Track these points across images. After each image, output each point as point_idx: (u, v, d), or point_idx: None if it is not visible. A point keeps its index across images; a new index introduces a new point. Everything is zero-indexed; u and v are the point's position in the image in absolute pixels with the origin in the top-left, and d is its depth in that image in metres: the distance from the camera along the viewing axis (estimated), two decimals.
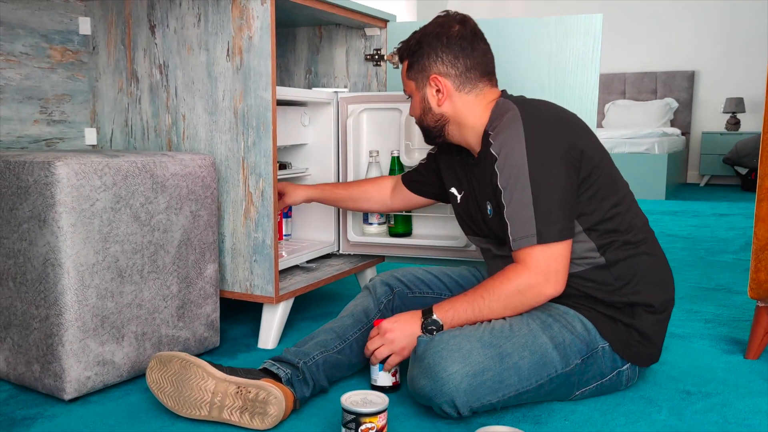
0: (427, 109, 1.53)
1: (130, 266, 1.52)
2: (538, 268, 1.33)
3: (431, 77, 1.50)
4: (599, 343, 1.41)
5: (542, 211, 1.32)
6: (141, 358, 1.56)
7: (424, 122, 1.56)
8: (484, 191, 1.49)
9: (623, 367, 1.44)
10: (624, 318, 1.42)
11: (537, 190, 1.33)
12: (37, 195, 1.40)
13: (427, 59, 1.49)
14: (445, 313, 1.41)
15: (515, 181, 1.35)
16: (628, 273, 1.42)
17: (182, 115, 1.81)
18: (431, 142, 1.62)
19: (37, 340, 1.45)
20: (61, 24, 1.90)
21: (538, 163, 1.33)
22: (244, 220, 1.77)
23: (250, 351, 1.80)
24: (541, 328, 1.38)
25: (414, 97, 1.57)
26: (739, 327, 2.01)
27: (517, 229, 1.34)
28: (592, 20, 1.94)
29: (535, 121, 1.37)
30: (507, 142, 1.37)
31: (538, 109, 1.42)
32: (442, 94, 1.50)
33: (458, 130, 1.53)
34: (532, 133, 1.35)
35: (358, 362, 1.55)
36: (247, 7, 1.69)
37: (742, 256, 3.11)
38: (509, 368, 1.32)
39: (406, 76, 1.56)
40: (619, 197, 1.44)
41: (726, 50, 6.61)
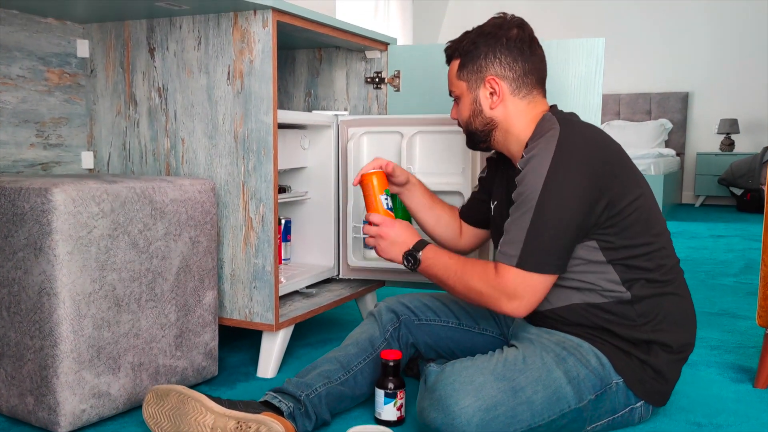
0: (477, 111, 1.48)
1: (128, 295, 1.48)
2: (506, 286, 1.32)
3: (487, 78, 1.44)
4: (613, 379, 1.36)
5: (532, 241, 1.30)
6: (137, 390, 1.52)
7: (472, 125, 1.50)
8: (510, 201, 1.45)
9: (636, 404, 1.40)
10: (640, 354, 1.37)
11: (537, 217, 1.30)
12: (33, 222, 1.36)
13: (484, 59, 1.44)
14: (427, 259, 1.45)
15: (524, 201, 1.33)
16: (652, 311, 1.37)
17: (181, 139, 1.79)
18: (474, 147, 1.57)
19: (31, 371, 1.40)
20: (58, 46, 1.88)
21: (550, 194, 1.29)
22: (243, 245, 1.73)
23: (249, 380, 1.75)
24: (556, 361, 1.34)
25: (463, 99, 1.50)
26: (746, 354, 1.98)
27: (504, 243, 1.34)
28: (595, 44, 1.93)
29: (569, 148, 1.31)
30: (533, 160, 1.33)
31: (578, 134, 1.35)
32: (497, 96, 1.44)
33: (504, 137, 1.48)
34: (559, 160, 1.30)
35: (362, 394, 1.51)
36: (249, 31, 1.67)
37: (743, 279, 3.09)
38: (522, 403, 1.28)
39: (457, 76, 1.49)
40: (653, 236, 1.38)
41: (720, 71, 6.65)
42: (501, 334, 1.63)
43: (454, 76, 1.50)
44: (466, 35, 1.48)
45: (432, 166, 2.05)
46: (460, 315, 1.64)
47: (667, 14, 6.77)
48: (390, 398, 1.44)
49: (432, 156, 2.06)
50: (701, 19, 6.65)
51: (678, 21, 6.73)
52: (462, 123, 1.54)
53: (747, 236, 4.53)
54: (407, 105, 2.16)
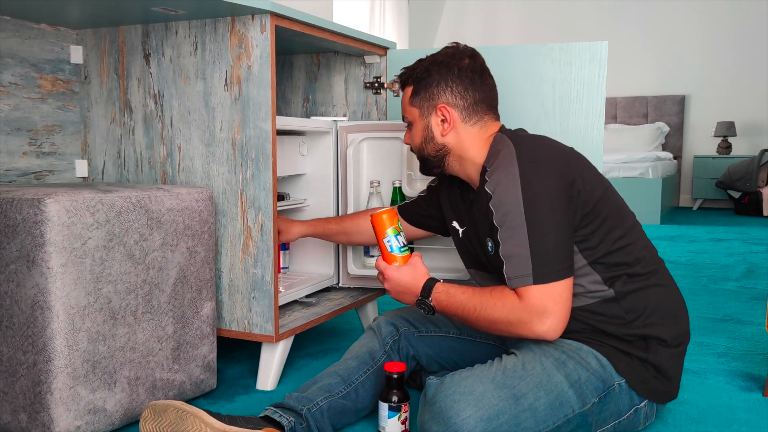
0: (429, 138, 1.49)
1: (124, 307, 1.44)
2: (533, 305, 1.27)
3: (438, 106, 1.45)
4: (615, 380, 1.34)
5: (538, 251, 1.27)
6: (134, 405, 1.48)
7: (424, 151, 1.51)
8: (483, 228, 1.44)
9: (640, 404, 1.37)
10: (639, 352, 1.36)
11: (532, 229, 1.28)
12: (26, 234, 1.32)
13: (435, 87, 1.45)
14: (440, 303, 1.39)
15: (511, 220, 1.30)
16: (639, 306, 1.36)
17: (178, 147, 1.75)
18: (428, 173, 1.57)
19: (24, 387, 1.36)
20: (51, 53, 1.84)
21: (534, 202, 1.29)
22: (242, 255, 1.69)
23: (248, 393, 1.71)
24: (555, 366, 1.32)
25: (415, 125, 1.51)
26: (753, 361, 1.95)
27: (513, 268, 1.29)
28: (598, 47, 1.90)
29: (531, 158, 1.33)
30: (502, 180, 1.33)
31: (533, 145, 1.39)
32: (448, 123, 1.45)
33: (459, 163, 1.48)
34: (527, 170, 1.31)
35: (364, 407, 1.48)
36: (246, 36, 1.63)
37: (745, 284, 3.06)
38: (525, 410, 1.25)
39: (409, 103, 1.51)
40: (625, 229, 1.39)
41: (716, 74, 6.64)
42: (503, 343, 1.60)
43: (407, 102, 1.51)
44: (420, 63, 1.49)
45: None
46: (460, 325, 1.62)
47: (663, 17, 6.76)
48: (394, 412, 1.41)
49: None
50: (697, 22, 6.65)
51: (674, 24, 6.73)
52: (414, 149, 1.54)
53: (747, 240, 4.51)
54: None
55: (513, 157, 1.34)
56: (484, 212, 1.39)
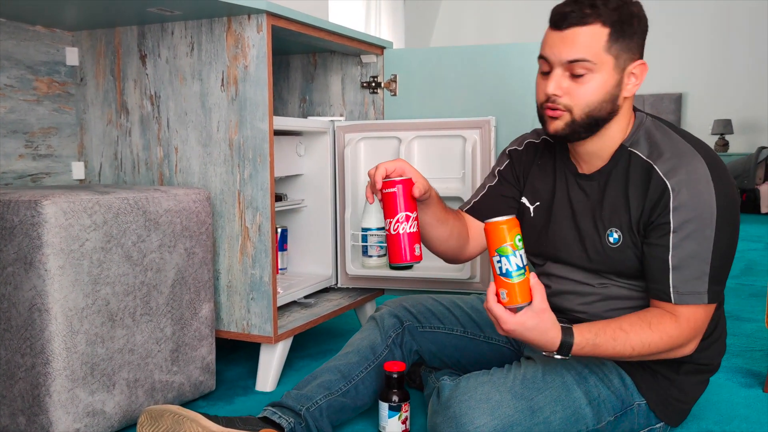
0: (614, 96, 1.22)
1: (122, 309, 1.44)
2: (695, 327, 1.18)
3: (639, 61, 1.23)
4: (635, 400, 1.30)
5: (717, 270, 1.18)
6: (133, 407, 1.47)
7: (599, 111, 1.22)
8: (608, 215, 1.27)
9: (656, 425, 1.34)
10: (667, 373, 1.31)
11: (719, 245, 1.17)
12: (23, 236, 1.31)
13: (639, 38, 1.22)
14: (582, 350, 1.16)
15: (697, 229, 1.16)
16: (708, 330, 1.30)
17: (175, 148, 1.74)
18: (576, 137, 1.26)
19: (23, 390, 1.35)
20: (47, 55, 1.83)
21: (726, 216, 1.17)
22: (240, 256, 1.69)
23: (247, 394, 1.71)
24: (576, 381, 1.28)
25: (601, 77, 1.20)
26: (753, 357, 1.95)
27: (686, 281, 1.17)
28: None
29: (715, 162, 1.20)
30: (693, 180, 1.17)
31: (703, 144, 1.24)
32: (638, 82, 1.24)
33: (606, 130, 1.26)
34: (719, 178, 1.17)
35: (364, 404, 1.46)
36: (243, 36, 1.63)
37: (744, 281, 3.06)
38: (539, 423, 1.23)
39: (605, 48, 1.18)
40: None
41: (713, 72, 6.65)
42: (507, 342, 1.58)
43: (602, 47, 1.18)
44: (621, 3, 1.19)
45: (430, 172, 2.01)
46: (465, 322, 1.58)
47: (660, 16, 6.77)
48: (395, 411, 1.40)
49: (431, 161, 2.02)
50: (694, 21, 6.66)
51: (671, 23, 6.74)
52: (583, 106, 1.21)
53: (745, 237, 4.51)
54: (404, 109, 2.13)
55: (698, 156, 1.19)
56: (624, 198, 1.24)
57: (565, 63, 1.20)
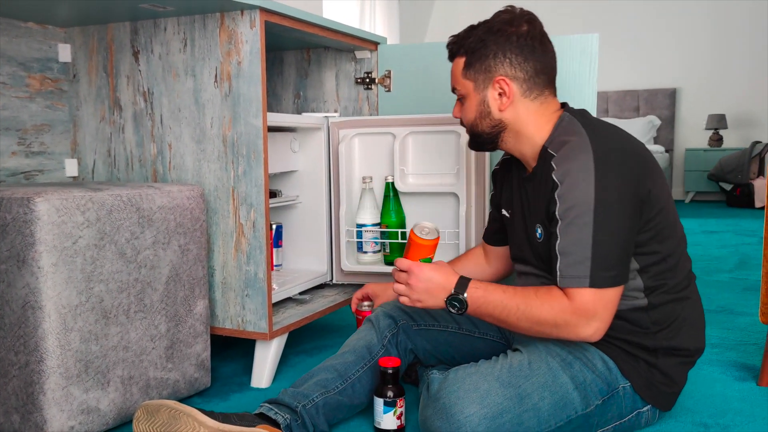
0: (484, 113, 1.38)
1: (116, 306, 1.43)
2: (584, 309, 1.22)
3: (497, 79, 1.34)
4: (620, 383, 1.33)
5: (600, 256, 1.21)
6: (128, 404, 1.47)
7: (478, 127, 1.40)
8: (535, 212, 1.37)
9: (643, 408, 1.36)
10: (648, 357, 1.34)
11: (599, 231, 1.21)
12: (16, 233, 1.31)
13: (493, 59, 1.34)
14: (476, 299, 1.29)
15: (577, 216, 1.22)
16: (667, 319, 1.33)
17: (168, 144, 1.74)
18: (479, 149, 1.47)
19: (17, 388, 1.35)
20: (39, 51, 1.82)
21: (605, 203, 1.22)
22: (234, 252, 1.69)
23: (243, 390, 1.70)
24: (561, 366, 1.30)
25: (469, 99, 1.39)
26: (747, 351, 1.96)
27: (569, 265, 1.23)
28: (589, 40, 1.90)
29: (607, 155, 1.24)
30: (573, 172, 1.24)
31: (608, 136, 1.29)
32: (507, 98, 1.35)
33: (514, 140, 1.39)
34: (603, 168, 1.23)
35: (360, 403, 1.47)
36: (236, 32, 1.62)
37: (738, 275, 3.07)
38: (528, 410, 1.24)
39: (462, 75, 1.38)
40: (677, 240, 1.35)
41: (707, 67, 6.66)
42: (502, 338, 1.59)
43: (460, 74, 1.39)
44: (473, 31, 1.37)
45: (425, 167, 2.01)
46: (459, 319, 1.60)
47: (653, 11, 6.77)
48: (390, 407, 1.40)
49: (425, 157, 2.02)
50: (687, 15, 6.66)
51: (664, 17, 6.74)
52: (467, 124, 1.44)
53: (739, 231, 4.52)
54: (399, 105, 2.12)
55: (587, 147, 1.25)
56: (541, 196, 1.33)
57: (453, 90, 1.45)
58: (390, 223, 2.00)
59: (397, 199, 2.02)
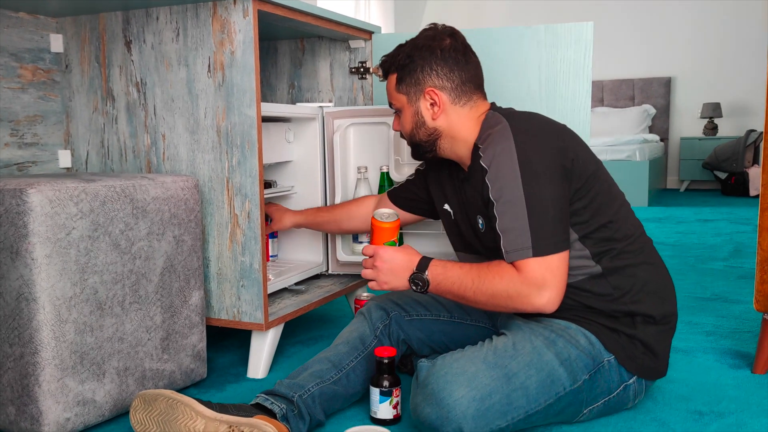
0: (420, 123, 1.48)
1: (111, 298, 1.43)
2: (532, 278, 1.26)
3: (426, 90, 1.45)
4: (604, 357, 1.36)
5: (537, 224, 1.27)
6: (124, 395, 1.47)
7: (416, 137, 1.50)
8: (475, 206, 1.44)
9: (630, 380, 1.38)
10: (626, 329, 1.37)
11: (531, 201, 1.28)
12: (9, 225, 1.30)
13: (420, 72, 1.44)
14: (436, 276, 1.36)
15: (508, 193, 1.30)
16: (627, 282, 1.37)
17: (162, 135, 1.73)
18: (421, 157, 1.56)
19: (12, 380, 1.35)
20: (31, 42, 1.81)
21: (531, 174, 1.29)
22: (230, 243, 1.68)
23: (239, 381, 1.70)
24: (546, 344, 1.33)
25: (404, 112, 1.50)
26: (742, 339, 1.97)
27: (511, 241, 1.29)
28: (583, 28, 1.89)
29: (525, 132, 1.34)
30: (497, 153, 1.33)
31: (527, 120, 1.39)
32: (438, 107, 1.45)
33: (450, 144, 1.48)
34: (523, 144, 1.31)
35: (355, 393, 1.47)
36: (229, 21, 1.61)
37: (732, 263, 3.08)
38: (517, 389, 1.26)
39: (396, 90, 1.50)
40: (615, 206, 1.40)
41: (702, 56, 6.65)
42: (493, 325, 1.60)
43: (393, 90, 1.50)
44: (401, 49, 1.48)
45: None
46: (450, 308, 1.62)
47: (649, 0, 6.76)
48: (385, 396, 1.41)
49: None
50: (682, 4, 6.65)
51: (660, 6, 6.73)
52: (405, 135, 1.53)
53: (734, 219, 4.53)
54: None
55: (507, 130, 1.34)
56: (477, 189, 1.39)
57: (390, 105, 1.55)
58: None
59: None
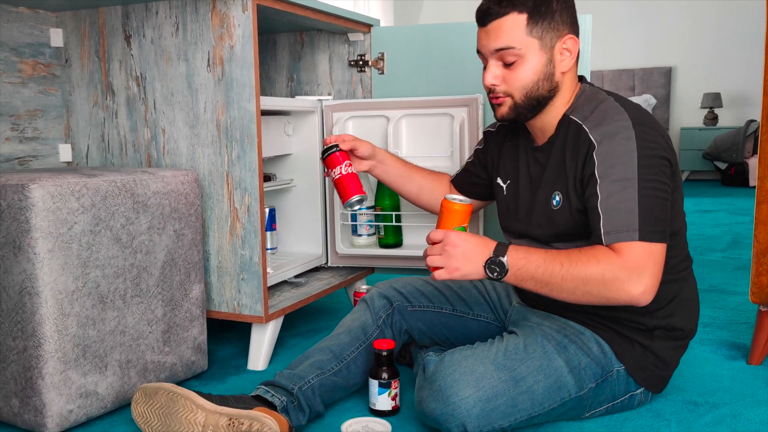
0: (549, 74, 1.32)
1: (112, 291, 1.44)
2: (633, 262, 1.17)
3: (567, 36, 1.31)
4: (614, 366, 1.35)
5: (647, 210, 1.20)
6: (126, 388, 1.49)
7: (537, 91, 1.32)
8: (552, 180, 1.35)
9: (636, 391, 1.39)
10: (643, 340, 1.35)
11: (644, 186, 1.20)
12: (11, 220, 1.32)
13: (560, 15, 1.30)
14: (517, 261, 1.22)
15: (620, 173, 1.21)
16: (665, 298, 1.33)
17: (162, 129, 1.74)
18: (522, 119, 1.37)
19: (15, 373, 1.36)
20: (31, 36, 1.81)
21: (648, 159, 1.22)
22: (229, 237, 1.70)
23: (239, 373, 1.72)
24: (557, 350, 1.32)
25: (529, 59, 1.30)
26: (738, 330, 1.98)
27: (616, 222, 1.20)
28: (581, 21, 1.89)
29: (641, 118, 1.26)
30: (613, 132, 1.24)
31: (636, 106, 1.30)
32: (572, 56, 1.32)
33: (550, 106, 1.36)
34: (642, 128, 1.24)
35: (355, 383, 1.49)
36: (228, 15, 1.62)
37: (730, 254, 3.10)
38: (523, 393, 1.26)
39: (527, 33, 1.28)
40: (681, 220, 1.37)
41: (702, 46, 6.64)
42: (496, 320, 1.61)
43: (522, 32, 1.28)
44: None
45: (419, 150, 2.02)
46: (453, 301, 1.62)
47: None
48: (384, 388, 1.42)
49: (419, 139, 2.02)
50: None
51: None
52: (518, 88, 1.32)
53: (733, 210, 4.55)
54: (392, 88, 2.12)
55: (621, 111, 1.27)
56: (565, 162, 1.31)
57: (495, 54, 1.32)
58: (384, 205, 2.01)
59: None
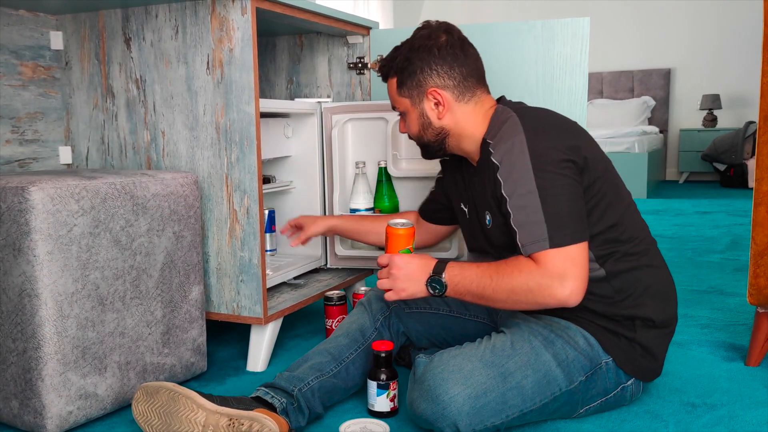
0: (426, 124, 1.46)
1: (112, 293, 1.45)
2: (552, 269, 1.23)
3: (429, 91, 1.43)
4: (602, 359, 1.36)
5: (552, 216, 1.25)
6: (125, 389, 1.49)
7: (424, 138, 1.49)
8: (483, 201, 1.43)
9: (627, 382, 1.40)
10: (626, 332, 1.37)
11: (544, 193, 1.26)
12: (11, 222, 1.32)
13: (420, 74, 1.42)
14: (453, 277, 1.31)
15: (521, 187, 1.28)
16: (629, 286, 1.36)
17: (161, 132, 1.74)
18: (431, 157, 1.55)
19: (15, 375, 1.37)
20: (31, 39, 1.82)
21: (543, 168, 1.27)
22: (229, 239, 1.70)
23: (239, 374, 1.73)
24: (544, 345, 1.34)
25: (409, 114, 1.48)
26: (736, 332, 1.99)
27: (527, 234, 1.26)
28: (580, 24, 1.91)
29: (536, 127, 1.32)
30: (509, 149, 1.31)
31: (538, 115, 1.38)
32: (443, 106, 1.43)
33: (458, 142, 1.46)
34: (534, 138, 1.29)
35: (354, 385, 1.50)
36: (227, 18, 1.63)
37: (729, 256, 3.10)
38: (512, 388, 1.28)
39: (398, 94, 1.48)
40: (623, 207, 1.39)
41: (701, 47, 6.65)
42: (491, 320, 1.62)
43: (395, 93, 1.48)
44: (398, 51, 1.47)
45: (418, 152, 2.01)
46: (450, 302, 1.63)
47: None
48: (383, 390, 1.43)
49: None
50: None
51: None
52: (413, 137, 1.52)
53: (732, 212, 4.55)
54: None
55: (518, 125, 1.32)
56: (487, 185, 1.38)
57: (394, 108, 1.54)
58: (383, 207, 2.02)
59: (390, 183, 2.04)
